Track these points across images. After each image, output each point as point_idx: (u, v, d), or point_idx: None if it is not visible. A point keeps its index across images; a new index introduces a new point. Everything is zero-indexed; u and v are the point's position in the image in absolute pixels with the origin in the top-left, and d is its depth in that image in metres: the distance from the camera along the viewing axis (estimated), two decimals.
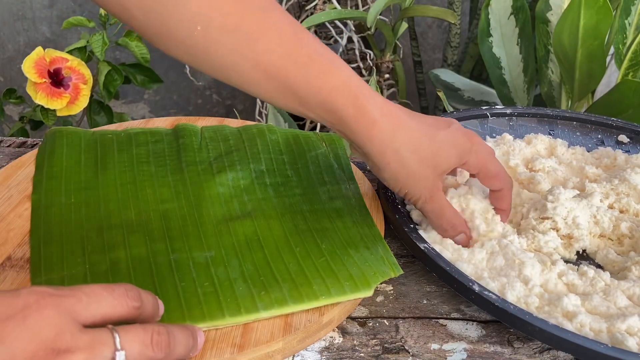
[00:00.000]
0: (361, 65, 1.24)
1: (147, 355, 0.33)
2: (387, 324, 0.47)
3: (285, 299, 0.45)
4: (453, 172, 0.57)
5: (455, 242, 0.53)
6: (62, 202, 0.54)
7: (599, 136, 0.71)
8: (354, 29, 1.23)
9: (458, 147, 0.50)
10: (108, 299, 0.34)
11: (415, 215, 0.57)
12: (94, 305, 0.33)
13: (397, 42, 1.25)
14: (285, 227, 0.53)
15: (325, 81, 0.46)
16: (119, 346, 0.32)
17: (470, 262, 0.50)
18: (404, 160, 0.48)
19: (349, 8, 1.21)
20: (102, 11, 1.04)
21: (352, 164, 0.63)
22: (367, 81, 1.23)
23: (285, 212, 0.55)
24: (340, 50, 1.20)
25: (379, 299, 0.49)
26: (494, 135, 0.70)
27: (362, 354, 0.44)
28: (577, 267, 0.52)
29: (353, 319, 0.47)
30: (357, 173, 0.62)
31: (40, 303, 0.31)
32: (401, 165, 0.48)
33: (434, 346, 0.45)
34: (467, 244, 0.53)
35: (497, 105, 0.92)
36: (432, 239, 0.53)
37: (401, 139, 0.48)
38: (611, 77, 1.24)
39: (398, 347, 0.45)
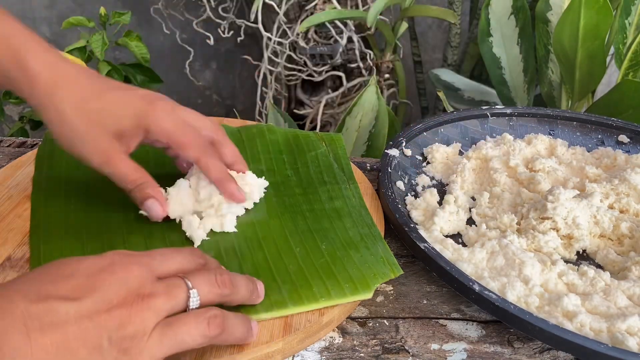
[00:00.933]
0: (361, 65, 1.24)
1: (215, 291, 0.38)
2: (387, 324, 0.47)
3: (285, 301, 0.44)
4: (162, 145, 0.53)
5: (148, 213, 0.50)
6: (62, 202, 0.54)
7: (599, 136, 0.71)
8: (354, 29, 1.23)
9: (132, 108, 0.48)
10: (178, 258, 0.39)
11: (415, 215, 0.57)
12: (167, 262, 0.38)
13: (397, 42, 1.25)
14: (285, 227, 0.53)
15: None
16: (190, 286, 0.37)
17: (470, 262, 0.50)
18: (65, 117, 0.46)
19: (349, 8, 1.21)
20: (102, 11, 1.04)
21: (352, 163, 0.63)
22: (367, 81, 1.23)
23: (285, 212, 0.55)
24: (340, 50, 1.20)
25: (379, 299, 0.49)
26: (494, 135, 0.70)
27: (362, 354, 0.44)
28: (577, 267, 0.51)
29: (353, 319, 0.47)
30: (357, 173, 0.62)
31: (124, 260, 0.36)
32: (63, 122, 0.46)
33: (434, 346, 0.45)
34: (160, 214, 0.50)
35: (497, 105, 0.92)
36: (432, 239, 0.53)
37: (62, 95, 0.46)
38: (611, 77, 1.24)
39: (398, 347, 0.45)
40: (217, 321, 0.37)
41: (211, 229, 0.52)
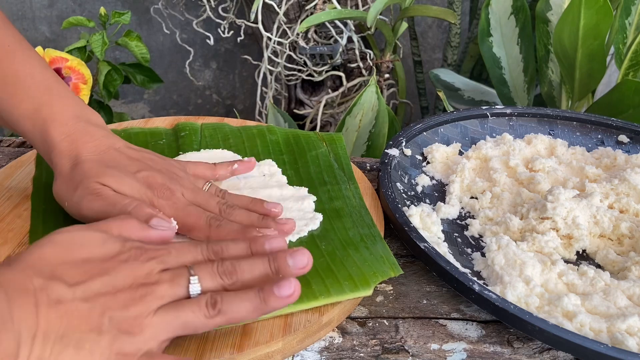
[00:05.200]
0: (361, 65, 1.24)
1: (217, 281, 0.40)
2: (387, 324, 0.47)
3: None
4: None
5: (157, 232, 0.44)
6: None
7: (599, 136, 0.71)
8: (354, 28, 1.23)
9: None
10: (193, 252, 0.42)
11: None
12: (182, 257, 0.41)
13: (397, 42, 1.25)
14: None
15: (15, 107, 0.50)
16: (192, 273, 0.39)
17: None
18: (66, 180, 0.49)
19: (349, 8, 1.21)
20: (102, 11, 1.04)
21: (352, 163, 0.63)
22: (367, 81, 1.23)
23: None
24: (340, 50, 1.20)
25: (379, 299, 0.49)
26: (494, 135, 0.70)
27: (361, 354, 0.44)
28: (577, 267, 0.51)
29: (353, 319, 0.47)
30: (357, 172, 0.62)
31: (136, 252, 0.39)
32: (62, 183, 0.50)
33: (434, 346, 0.45)
34: (169, 229, 0.45)
35: (497, 105, 0.92)
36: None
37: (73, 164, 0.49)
38: (611, 77, 1.24)
39: (398, 347, 0.45)
40: (216, 304, 0.39)
41: None
